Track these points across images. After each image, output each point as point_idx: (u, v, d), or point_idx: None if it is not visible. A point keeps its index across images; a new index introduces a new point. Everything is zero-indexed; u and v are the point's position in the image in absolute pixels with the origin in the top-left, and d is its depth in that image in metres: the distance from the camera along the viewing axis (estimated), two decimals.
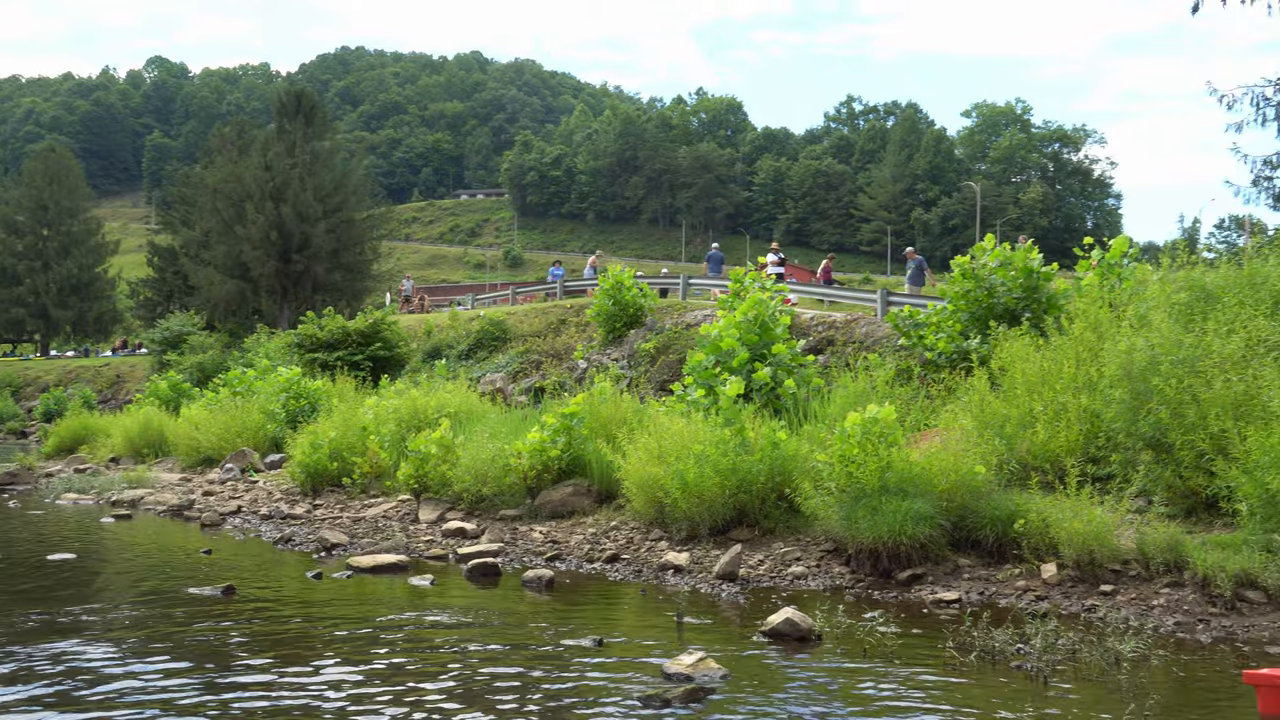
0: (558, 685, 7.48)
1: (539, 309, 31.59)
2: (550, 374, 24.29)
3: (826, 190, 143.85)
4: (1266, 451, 9.75)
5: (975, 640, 8.32)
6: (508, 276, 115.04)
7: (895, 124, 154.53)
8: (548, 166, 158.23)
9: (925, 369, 17.09)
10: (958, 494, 11.45)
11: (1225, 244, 55.43)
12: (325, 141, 55.48)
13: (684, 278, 30.15)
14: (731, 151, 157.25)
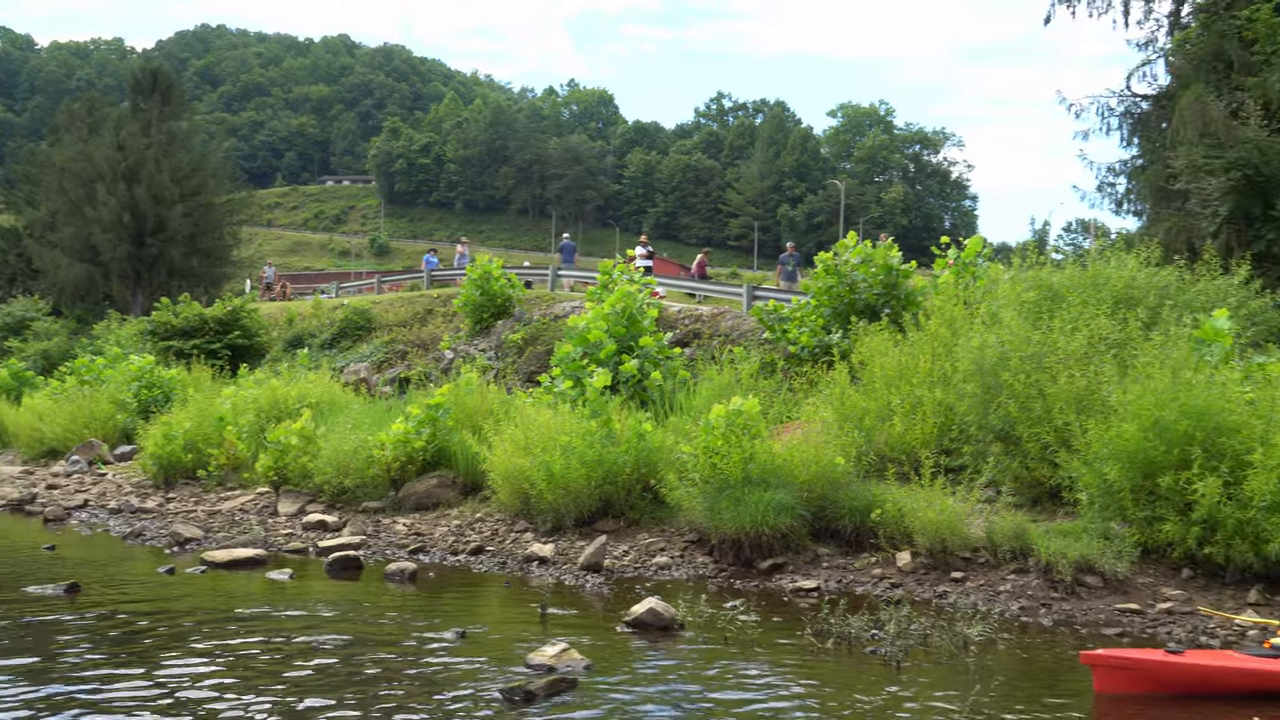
0: (418, 678, 7.39)
1: (405, 298, 31.10)
2: (416, 364, 23.96)
3: (696, 185, 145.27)
4: (1105, 444, 10.23)
5: (833, 627, 8.52)
6: (374, 265, 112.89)
7: (764, 121, 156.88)
8: (416, 154, 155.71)
9: (789, 362, 17.41)
10: (818, 485, 11.71)
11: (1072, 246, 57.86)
12: (183, 122, 53.47)
13: (552, 269, 30.07)
14: (602, 144, 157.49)
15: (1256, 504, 9.29)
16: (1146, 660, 7.16)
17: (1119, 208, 30.12)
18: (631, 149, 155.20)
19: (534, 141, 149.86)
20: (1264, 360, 11.57)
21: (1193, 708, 6.93)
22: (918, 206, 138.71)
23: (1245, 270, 14.92)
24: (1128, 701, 7.06)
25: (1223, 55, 23.76)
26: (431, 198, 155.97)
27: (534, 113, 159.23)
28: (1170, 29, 27.83)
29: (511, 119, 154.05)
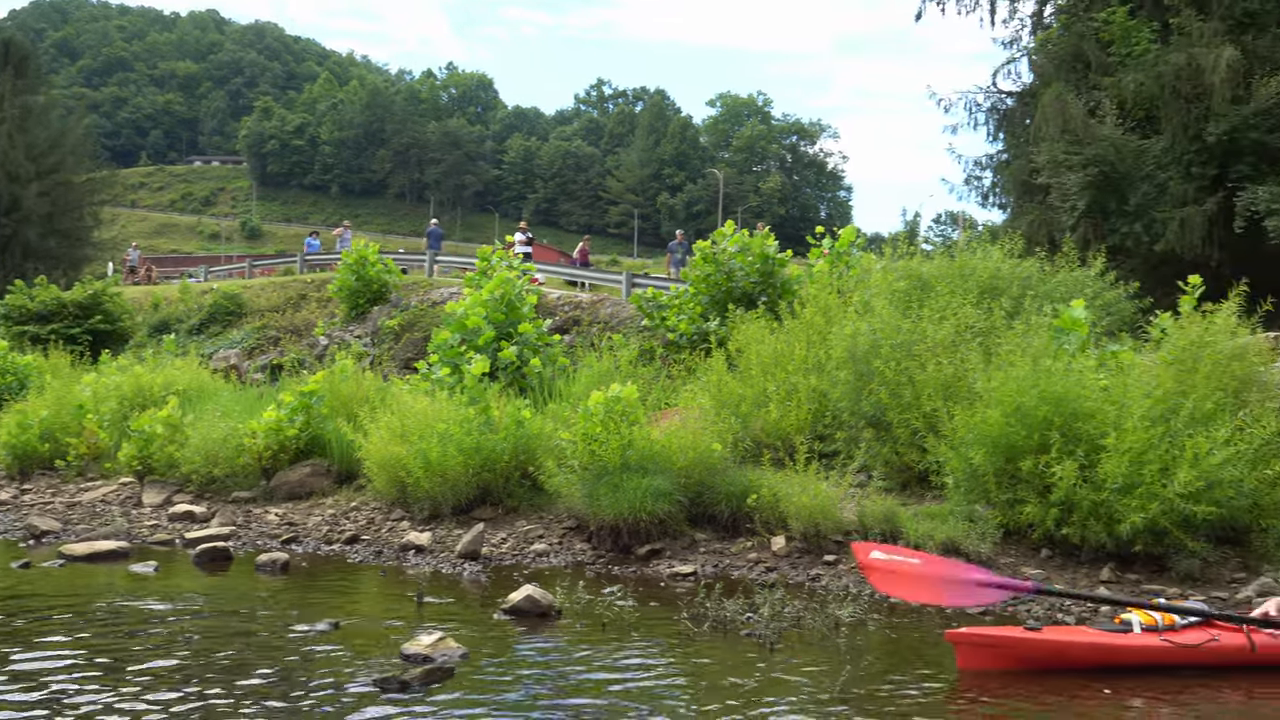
0: (289, 669, 7.23)
1: (278, 283, 30.35)
2: (289, 351, 23.41)
3: (576, 171, 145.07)
4: (970, 429, 10.58)
5: (708, 611, 8.63)
6: (245, 248, 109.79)
7: (644, 109, 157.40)
8: (290, 135, 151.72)
9: (667, 349, 17.56)
10: (696, 471, 11.84)
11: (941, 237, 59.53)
12: (39, 96, 51.11)
13: (430, 254, 29.68)
14: (481, 129, 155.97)
15: (1109, 486, 9.72)
16: (1006, 637, 7.44)
17: (985, 200, 31.19)
18: (511, 134, 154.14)
19: (412, 125, 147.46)
20: (1117, 348, 12.10)
21: (1049, 682, 7.23)
22: (795, 196, 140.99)
23: (1101, 262, 15.57)
24: (989, 677, 7.32)
25: (1082, 55, 24.75)
26: (306, 180, 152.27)
27: (411, 95, 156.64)
28: (1033, 28, 28.90)
29: (388, 101, 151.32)
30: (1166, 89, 21.69)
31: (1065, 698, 6.99)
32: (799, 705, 6.56)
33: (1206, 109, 21.23)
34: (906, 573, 4.62)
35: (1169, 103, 21.79)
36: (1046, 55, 26.34)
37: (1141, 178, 21.75)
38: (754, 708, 6.49)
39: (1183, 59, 21.41)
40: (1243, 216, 20.50)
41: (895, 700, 6.74)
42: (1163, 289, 17.06)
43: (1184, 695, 7.09)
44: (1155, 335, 12.42)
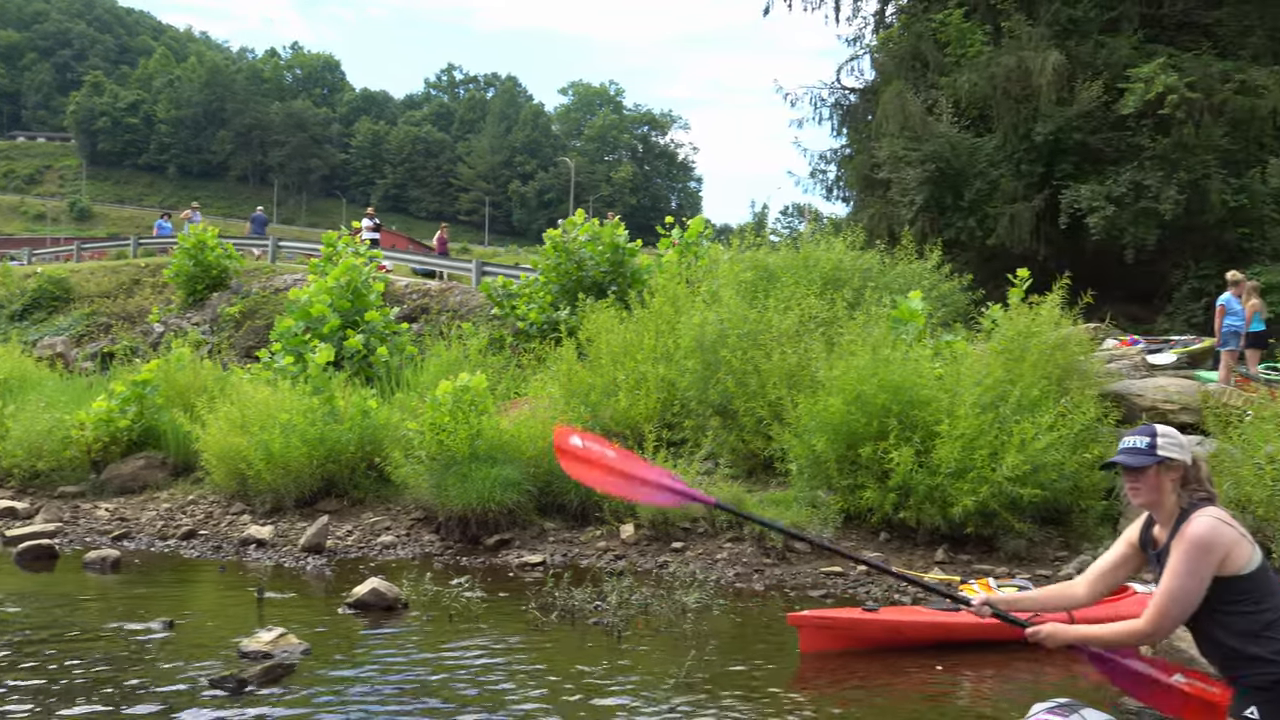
0: (119, 672, 6.94)
1: (109, 267, 28.94)
2: (121, 338, 22.38)
3: (426, 157, 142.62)
4: (813, 417, 10.87)
5: (557, 600, 8.65)
6: (74, 230, 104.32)
7: (495, 95, 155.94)
8: (123, 112, 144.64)
9: (517, 338, 17.48)
10: (545, 460, 11.81)
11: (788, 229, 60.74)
12: None
13: (273, 239, 28.79)
14: (328, 111, 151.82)
15: (943, 471, 10.12)
16: (845, 619, 7.69)
17: (830, 194, 31.95)
18: (359, 118, 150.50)
19: (254, 105, 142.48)
20: (951, 338, 12.60)
21: (886, 660, 7.50)
22: (646, 186, 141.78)
23: (937, 255, 16.17)
24: (830, 658, 7.55)
25: (920, 55, 25.60)
26: (140, 160, 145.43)
27: (254, 75, 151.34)
28: (876, 27, 29.72)
29: (230, 80, 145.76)
30: (998, 90, 22.61)
31: (901, 675, 7.26)
32: (645, 691, 6.63)
33: (1035, 110, 22.24)
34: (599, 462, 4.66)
35: (1000, 103, 22.73)
36: (888, 53, 27.15)
37: (975, 174, 22.64)
38: (601, 695, 6.54)
39: (1013, 61, 22.36)
40: (1066, 213, 21.57)
41: (740, 683, 6.88)
42: (994, 281, 17.84)
43: (1009, 668, 7.46)
44: (987, 326, 12.98)
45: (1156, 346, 16.35)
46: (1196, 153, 21.06)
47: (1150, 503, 3.65)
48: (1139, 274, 22.24)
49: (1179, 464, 3.59)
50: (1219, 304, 14.86)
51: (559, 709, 6.30)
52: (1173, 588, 3.46)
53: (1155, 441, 3.61)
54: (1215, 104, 21.06)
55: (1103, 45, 22.99)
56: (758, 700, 6.54)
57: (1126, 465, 3.63)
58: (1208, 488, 3.63)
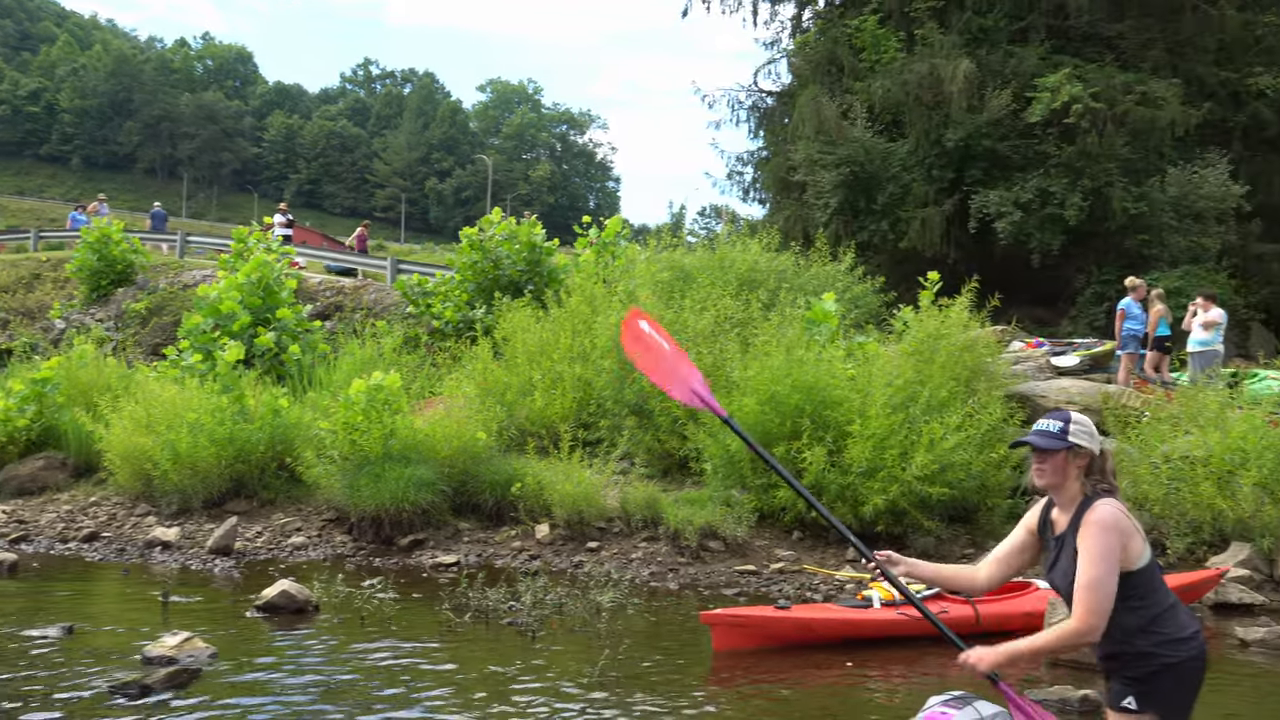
0: (16, 679, 6.72)
1: (8, 260, 27.99)
2: (20, 334, 21.67)
3: (341, 153, 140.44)
4: None
5: (471, 601, 8.59)
6: None
7: (412, 91, 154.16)
8: (23, 101, 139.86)
9: (433, 337, 17.33)
10: (460, 460, 11.75)
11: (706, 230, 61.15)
12: None
13: (181, 234, 28.13)
14: (240, 104, 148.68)
15: (855, 470, 10.29)
16: (758, 617, 7.77)
17: (746, 195, 32.27)
18: (272, 111, 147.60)
19: (163, 96, 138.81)
20: (863, 340, 12.80)
21: (798, 657, 7.60)
22: (564, 185, 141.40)
23: (851, 258, 16.42)
24: (742, 656, 7.63)
25: (836, 60, 25.96)
26: (42, 150, 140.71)
27: (163, 65, 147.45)
28: (793, 31, 30.07)
29: (137, 70, 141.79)
30: (911, 96, 23.05)
31: (812, 671, 7.37)
32: (559, 690, 6.63)
33: (946, 116, 22.71)
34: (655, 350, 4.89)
35: (913, 109, 23.18)
36: (804, 58, 27.49)
37: (888, 179, 23.05)
38: (515, 695, 6.52)
39: (925, 68, 22.80)
40: (976, 218, 22.07)
41: (653, 682, 6.91)
42: (906, 284, 18.17)
43: (918, 664, 7.60)
44: (898, 328, 13.21)
45: (1060, 349, 16.79)
46: (1100, 161, 21.70)
47: (1053, 485, 3.74)
48: (1045, 278, 22.85)
49: (1087, 452, 3.69)
50: (1119, 308, 15.33)
51: (472, 709, 6.26)
52: (1093, 576, 3.49)
53: (1068, 427, 3.70)
54: (1117, 114, 21.72)
55: (1012, 55, 23.57)
56: (671, 698, 6.57)
57: (1036, 446, 3.73)
58: (1111, 480, 3.73)
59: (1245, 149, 24.67)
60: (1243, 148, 24.57)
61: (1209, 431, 10.52)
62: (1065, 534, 3.69)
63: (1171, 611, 3.59)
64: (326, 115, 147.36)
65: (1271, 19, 25.50)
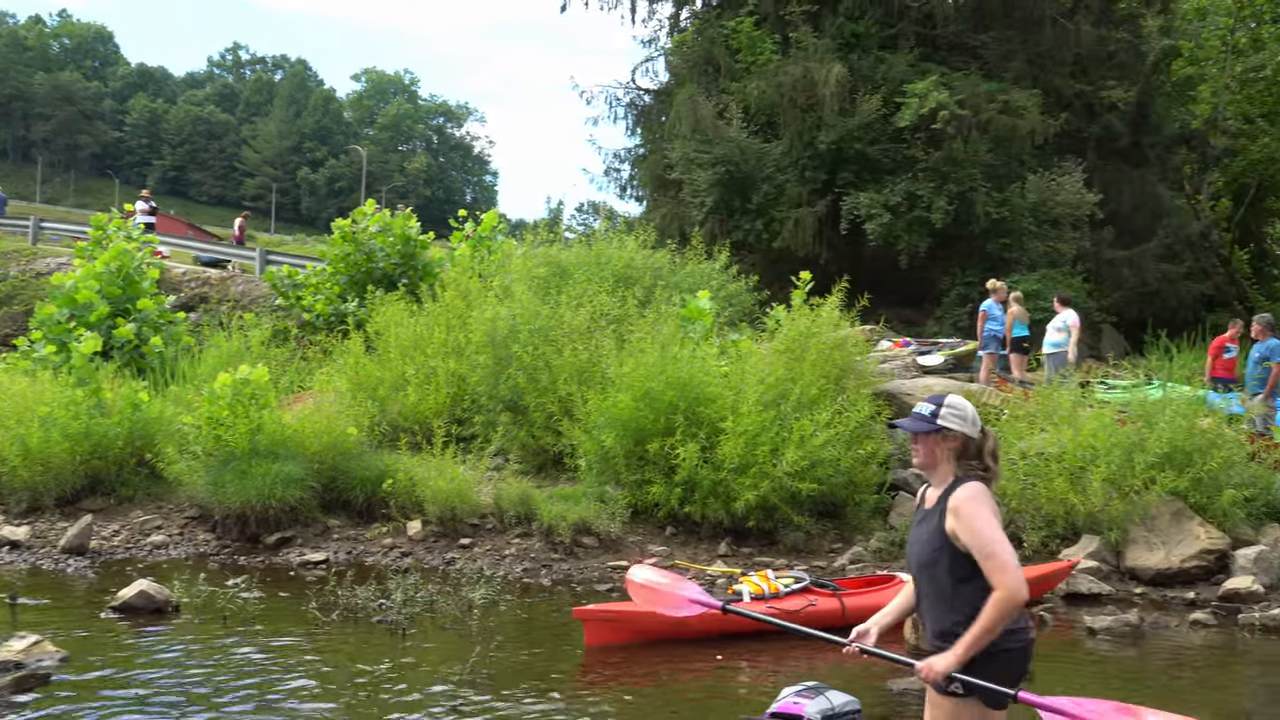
0: None
1: None
2: None
3: (208, 139, 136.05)
4: (603, 413, 11.00)
5: (339, 599, 8.44)
6: None
7: (284, 79, 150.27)
8: None
9: (303, 330, 16.96)
10: (330, 456, 11.53)
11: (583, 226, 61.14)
12: None
13: (34, 220, 26.92)
14: (99, 85, 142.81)
15: (727, 466, 10.43)
16: (628, 612, 7.81)
17: (624, 192, 32.38)
18: (134, 94, 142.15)
19: (15, 75, 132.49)
20: (737, 337, 12.99)
21: (669, 651, 7.68)
22: (440, 178, 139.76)
23: (725, 256, 16.63)
24: (615, 651, 7.67)
25: (713, 60, 26.26)
26: None
27: (15, 42, 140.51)
28: (670, 30, 30.29)
29: None
30: (785, 98, 23.45)
31: (683, 665, 7.45)
32: (429, 688, 6.56)
33: (819, 119, 23.17)
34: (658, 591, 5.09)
35: (787, 111, 23.58)
36: (681, 57, 27.72)
37: (763, 179, 23.40)
38: (383, 693, 6.43)
39: (799, 71, 23.22)
40: (847, 219, 22.59)
41: (525, 677, 6.90)
42: (779, 283, 18.50)
43: (786, 657, 7.76)
44: (771, 326, 13.44)
45: (926, 348, 17.33)
46: (964, 166, 22.42)
47: (926, 465, 3.89)
48: (912, 279, 23.51)
49: (957, 435, 3.81)
50: (981, 310, 15.88)
51: (339, 708, 6.16)
52: (985, 541, 3.59)
53: (939, 411, 3.84)
54: (981, 121, 22.48)
55: (882, 61, 24.18)
56: (543, 694, 6.57)
57: (905, 428, 3.90)
58: (988, 462, 3.86)
59: (1099, 158, 25.80)
60: (1096, 157, 25.68)
61: (1062, 429, 10.98)
62: (931, 510, 3.82)
63: None
64: (193, 100, 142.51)
65: (1123, 35, 26.72)
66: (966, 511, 3.66)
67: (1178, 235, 26.66)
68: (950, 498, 3.74)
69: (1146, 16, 28.06)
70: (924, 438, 3.86)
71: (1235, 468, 10.67)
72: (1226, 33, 30.00)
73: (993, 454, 3.89)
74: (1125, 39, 26.74)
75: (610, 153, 32.63)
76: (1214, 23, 30.97)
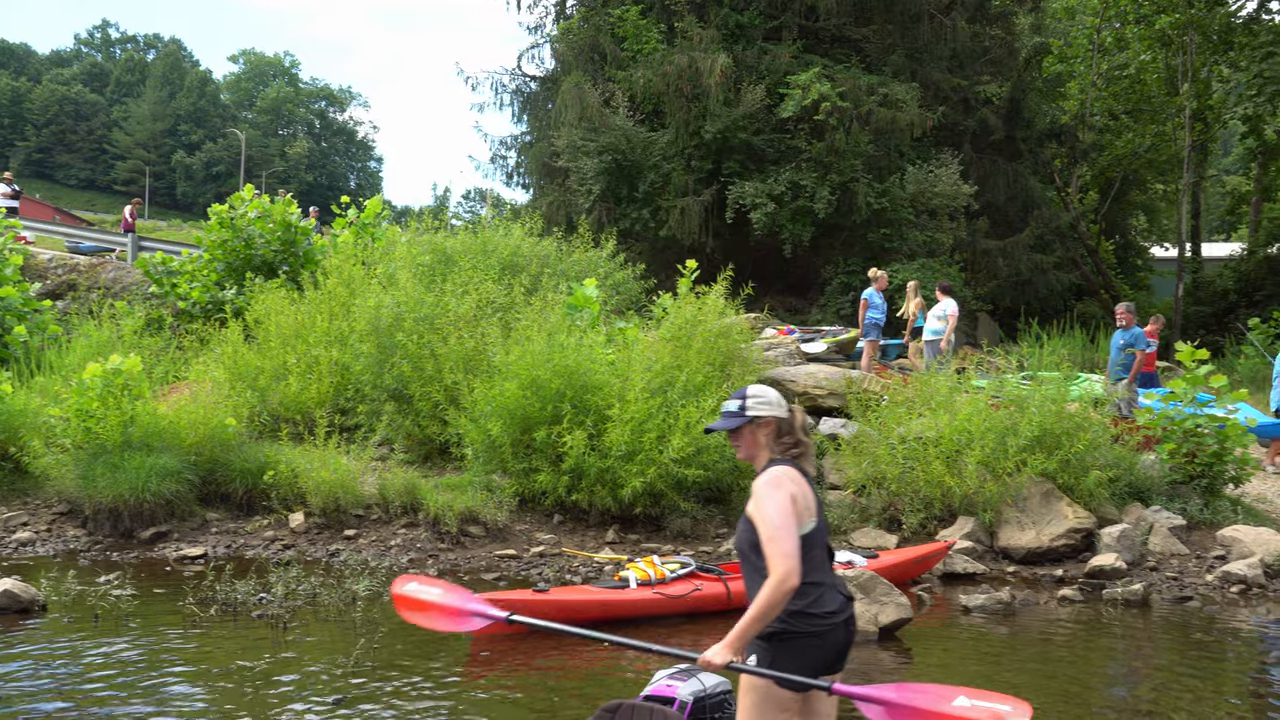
0: None
1: None
2: None
3: (76, 120, 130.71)
4: (489, 402, 10.93)
5: (217, 593, 8.24)
6: None
7: (157, 58, 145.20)
8: None
9: (178, 319, 16.47)
10: (208, 447, 11.24)
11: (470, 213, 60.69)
12: None
13: None
14: None
15: (614, 454, 10.47)
16: (516, 600, 7.79)
17: (510, 180, 32.22)
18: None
19: None
20: (624, 325, 13.03)
21: (556, 639, 7.66)
22: (323, 164, 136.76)
23: (612, 244, 16.67)
24: (501, 639, 7.64)
25: (599, 47, 26.26)
26: None
27: None
28: (556, 17, 30.18)
29: None
30: (671, 87, 23.59)
31: (570, 652, 7.47)
32: (310, 682, 6.45)
33: (704, 109, 23.37)
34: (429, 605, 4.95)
35: (673, 100, 23.72)
36: (568, 44, 27.65)
37: (649, 167, 23.52)
38: (263, 689, 6.30)
39: (685, 61, 23.38)
40: (732, 208, 22.85)
41: (410, 669, 6.83)
42: (665, 271, 18.65)
43: (672, 641, 7.81)
44: (657, 314, 13.52)
45: (810, 336, 17.64)
46: (846, 158, 22.87)
47: (750, 457, 3.97)
48: (796, 268, 23.93)
49: (769, 420, 3.91)
50: (863, 298, 16.23)
51: (215, 703, 6.02)
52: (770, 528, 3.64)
53: (745, 403, 3.93)
54: (862, 114, 22.95)
55: (766, 52, 24.50)
56: (428, 685, 6.53)
57: (720, 429, 3.97)
58: (800, 437, 3.95)
59: (974, 151, 26.61)
60: (972, 150, 26.48)
61: (940, 414, 11.30)
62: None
63: (817, 588, 3.76)
64: (59, 79, 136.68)
65: (997, 32, 27.56)
66: (759, 495, 3.75)
67: (1048, 226, 27.69)
68: (754, 483, 3.82)
69: (1019, 14, 29.00)
70: (740, 433, 3.94)
71: (1100, 450, 11.11)
72: (1093, 32, 31.19)
73: (803, 428, 3.99)
74: (999, 36, 27.60)
75: (497, 140, 32.40)
76: (1081, 22, 32.18)
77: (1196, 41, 29.75)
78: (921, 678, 6.99)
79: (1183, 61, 30.15)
